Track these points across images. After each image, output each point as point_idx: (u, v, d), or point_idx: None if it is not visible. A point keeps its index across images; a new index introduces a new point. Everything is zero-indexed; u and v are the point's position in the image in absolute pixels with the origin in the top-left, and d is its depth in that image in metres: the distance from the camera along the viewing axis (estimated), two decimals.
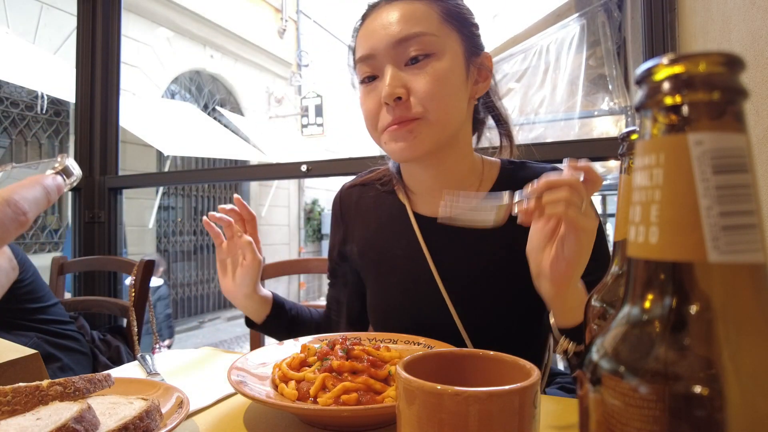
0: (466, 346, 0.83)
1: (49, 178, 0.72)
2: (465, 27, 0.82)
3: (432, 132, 0.78)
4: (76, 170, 0.78)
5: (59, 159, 0.77)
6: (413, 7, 0.78)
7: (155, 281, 4.64)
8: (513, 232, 0.82)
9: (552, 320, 0.69)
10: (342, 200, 1.02)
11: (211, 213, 0.89)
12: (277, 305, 0.97)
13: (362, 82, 0.83)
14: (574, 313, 0.65)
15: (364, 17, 0.84)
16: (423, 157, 0.81)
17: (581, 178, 0.61)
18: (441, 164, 0.85)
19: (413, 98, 0.77)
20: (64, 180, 0.76)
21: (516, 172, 0.89)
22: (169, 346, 4.58)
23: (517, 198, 0.63)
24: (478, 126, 0.93)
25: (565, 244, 0.60)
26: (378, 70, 0.80)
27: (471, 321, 0.84)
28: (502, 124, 0.93)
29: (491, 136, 0.96)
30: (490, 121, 0.95)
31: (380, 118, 0.81)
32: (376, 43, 0.79)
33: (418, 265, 0.88)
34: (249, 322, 0.99)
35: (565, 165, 0.63)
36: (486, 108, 0.92)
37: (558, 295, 0.64)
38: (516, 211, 0.62)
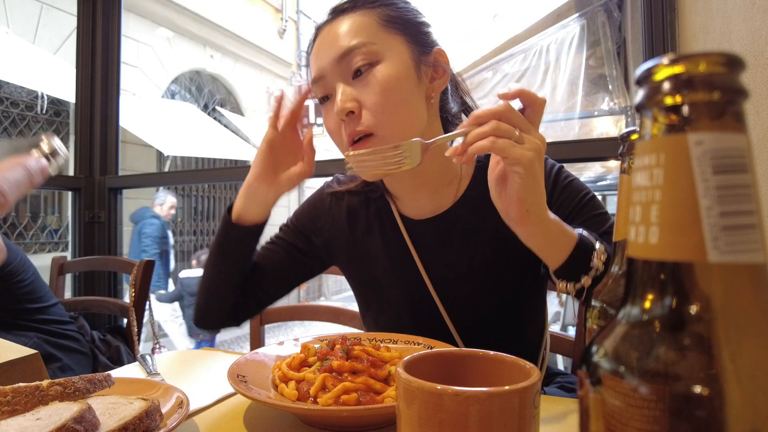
0: (457, 345, 0.83)
1: (32, 160, 0.70)
2: (409, 28, 0.80)
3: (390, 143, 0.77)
4: (63, 151, 0.77)
5: (44, 139, 0.76)
6: (351, 21, 0.78)
7: None
8: (500, 229, 0.83)
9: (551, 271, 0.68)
10: (330, 202, 0.98)
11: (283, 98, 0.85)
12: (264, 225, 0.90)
13: (321, 103, 0.83)
14: (554, 249, 0.64)
15: (312, 41, 0.84)
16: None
17: (516, 106, 0.59)
18: (413, 169, 0.84)
19: (364, 111, 0.76)
20: (50, 161, 0.74)
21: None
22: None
23: (443, 137, 0.61)
24: (451, 125, 0.91)
25: (509, 181, 0.59)
26: (331, 89, 0.80)
27: (461, 320, 0.84)
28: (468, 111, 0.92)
29: None
30: None
31: (342, 135, 0.80)
32: (322, 63, 0.79)
33: (407, 266, 0.87)
34: (231, 223, 0.86)
35: (498, 94, 0.61)
36: (458, 104, 0.91)
37: (529, 235, 0.63)
38: (447, 154, 0.60)
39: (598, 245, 0.65)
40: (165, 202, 5.05)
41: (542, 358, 0.90)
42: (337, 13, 0.81)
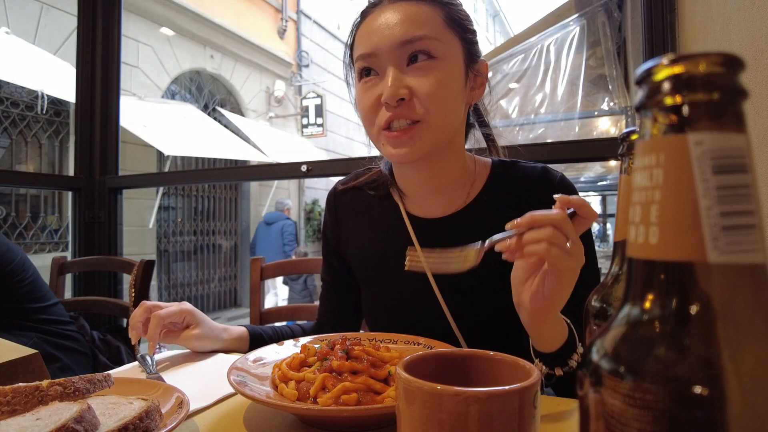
0: (460, 344, 0.83)
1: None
2: (466, 34, 0.82)
3: (431, 135, 0.78)
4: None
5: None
6: (418, 10, 0.78)
7: None
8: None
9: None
10: (336, 201, 1.02)
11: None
12: (255, 341, 0.98)
13: (360, 78, 0.82)
14: (549, 342, 0.66)
15: (365, 14, 0.83)
16: (420, 160, 0.81)
17: (571, 212, 0.60)
18: (434, 167, 0.86)
19: (416, 99, 0.77)
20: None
21: (507, 172, 0.90)
22: None
23: (499, 236, 0.62)
24: (467, 129, 0.94)
25: (546, 281, 0.60)
26: (379, 68, 0.79)
27: (466, 322, 0.85)
28: (485, 127, 0.95)
29: (478, 135, 0.97)
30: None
31: (379, 115, 0.80)
32: (380, 41, 0.78)
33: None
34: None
35: (557, 197, 0.61)
36: (473, 111, 0.94)
37: (535, 327, 0.64)
38: (497, 248, 0.61)
39: (579, 348, 0.68)
40: (291, 207, 6.81)
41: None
42: None
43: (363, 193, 0.99)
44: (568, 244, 0.58)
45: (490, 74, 0.89)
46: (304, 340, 0.79)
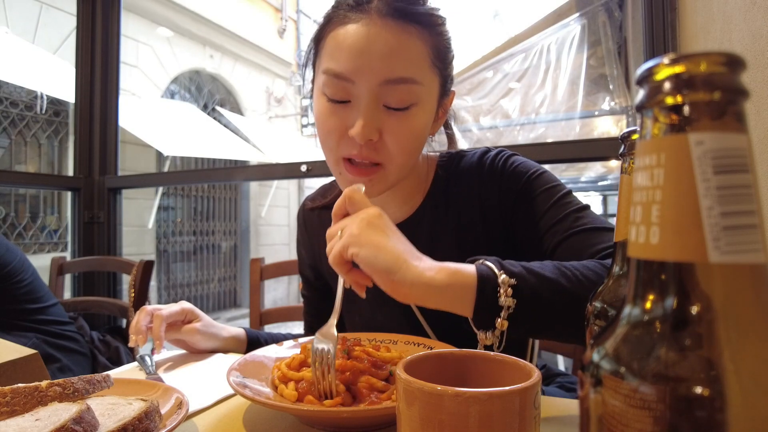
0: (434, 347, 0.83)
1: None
2: (445, 69, 0.78)
3: (389, 180, 0.78)
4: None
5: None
6: (409, 43, 0.72)
7: None
8: (461, 226, 0.84)
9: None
10: (305, 218, 1.05)
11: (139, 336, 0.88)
12: (252, 344, 0.98)
13: (329, 99, 0.76)
14: (454, 303, 0.59)
15: (344, 18, 0.74)
16: None
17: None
18: (394, 186, 0.86)
19: (384, 145, 0.74)
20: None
21: (452, 163, 0.90)
22: None
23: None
24: None
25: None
26: (351, 95, 0.74)
27: (434, 317, 0.84)
28: (448, 128, 0.95)
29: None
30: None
31: (341, 144, 0.76)
32: (360, 69, 0.71)
33: None
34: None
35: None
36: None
37: (415, 299, 0.58)
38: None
39: (501, 277, 0.58)
40: None
41: (531, 352, 0.89)
42: (396, 12, 0.72)
43: (328, 211, 1.00)
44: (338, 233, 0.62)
45: (489, 74, 0.88)
46: (303, 340, 0.79)
